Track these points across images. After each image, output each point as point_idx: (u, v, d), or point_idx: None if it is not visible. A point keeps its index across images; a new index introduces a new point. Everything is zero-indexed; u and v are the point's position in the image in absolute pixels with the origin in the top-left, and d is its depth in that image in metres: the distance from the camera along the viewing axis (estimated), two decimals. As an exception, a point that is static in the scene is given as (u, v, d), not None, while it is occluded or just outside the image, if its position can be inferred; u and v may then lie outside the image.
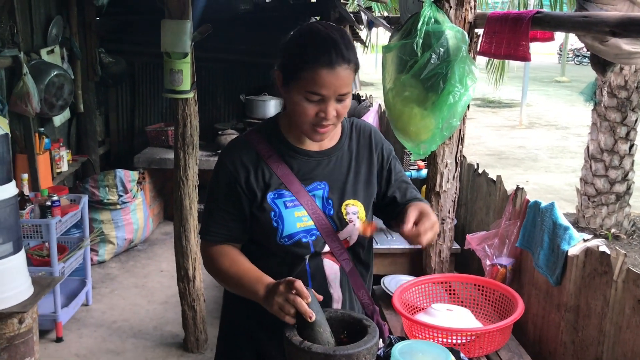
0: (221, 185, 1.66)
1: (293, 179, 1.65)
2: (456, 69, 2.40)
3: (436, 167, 2.80)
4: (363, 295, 1.78)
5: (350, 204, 1.68)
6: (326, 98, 1.52)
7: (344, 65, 1.51)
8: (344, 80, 1.52)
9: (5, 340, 3.30)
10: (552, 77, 23.13)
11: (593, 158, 6.69)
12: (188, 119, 3.50)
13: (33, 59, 4.33)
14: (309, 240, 1.65)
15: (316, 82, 1.50)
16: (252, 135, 1.70)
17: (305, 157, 1.68)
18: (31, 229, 3.72)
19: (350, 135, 1.75)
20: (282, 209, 1.63)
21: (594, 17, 1.83)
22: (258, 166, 1.65)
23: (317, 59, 1.50)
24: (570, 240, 2.20)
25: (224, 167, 1.67)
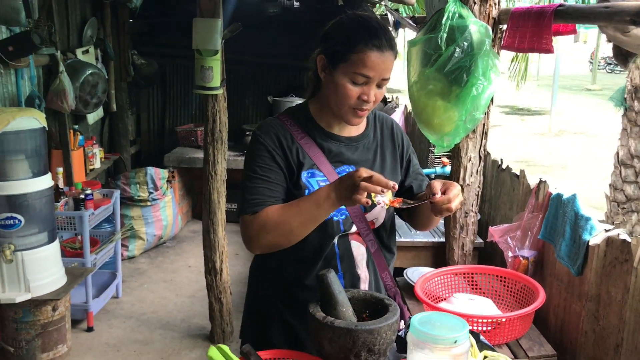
0: (264, 160, 1.67)
1: (324, 160, 1.72)
2: (480, 63, 2.45)
3: (460, 161, 2.83)
4: (386, 276, 1.83)
5: None
6: (371, 81, 1.61)
7: (390, 51, 1.61)
8: (389, 65, 1.62)
9: (40, 326, 3.42)
10: (583, 85, 22.84)
11: (623, 164, 6.61)
12: (217, 115, 3.59)
13: (69, 58, 4.48)
14: (340, 218, 1.71)
15: (365, 63, 1.59)
16: (284, 118, 1.76)
17: (336, 142, 1.75)
18: (65, 221, 3.85)
19: (375, 126, 1.83)
20: (316, 187, 1.69)
21: (614, 7, 1.87)
22: (292, 145, 1.71)
23: (368, 42, 1.59)
24: (592, 230, 2.22)
25: (261, 142, 1.69)
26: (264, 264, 1.87)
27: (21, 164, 3.31)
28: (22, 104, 3.90)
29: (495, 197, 3.21)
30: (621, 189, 6.63)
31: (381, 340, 1.53)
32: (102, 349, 3.74)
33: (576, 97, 20.01)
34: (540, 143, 12.71)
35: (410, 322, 1.39)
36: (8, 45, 3.50)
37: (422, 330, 1.35)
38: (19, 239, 3.32)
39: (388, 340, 1.56)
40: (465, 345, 1.35)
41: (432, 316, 1.42)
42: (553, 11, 2.24)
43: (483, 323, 2.24)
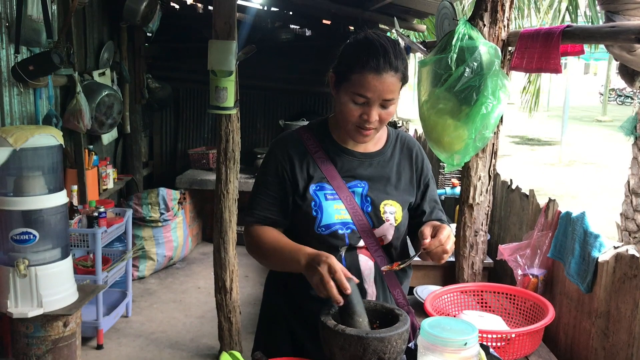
0: (269, 172, 1.79)
1: (335, 175, 1.76)
2: (489, 82, 2.49)
3: (469, 180, 2.86)
4: (398, 294, 1.85)
5: (389, 204, 1.77)
6: (371, 101, 1.64)
7: (390, 72, 1.63)
8: (389, 87, 1.63)
9: (51, 342, 3.44)
10: (593, 116, 22.89)
11: (634, 193, 6.60)
12: (230, 135, 3.65)
13: (86, 80, 4.58)
14: (345, 232, 1.74)
15: (363, 84, 1.62)
16: (302, 132, 1.83)
17: (350, 157, 1.79)
18: (78, 238, 3.90)
19: (395, 144, 1.85)
20: (323, 200, 1.74)
21: (620, 27, 1.91)
22: (304, 159, 1.77)
23: (365, 63, 1.62)
24: (601, 247, 2.24)
25: (274, 156, 1.80)
26: (276, 274, 1.91)
27: (38, 180, 3.37)
28: (40, 122, 3.98)
29: (504, 217, 3.22)
30: (632, 217, 6.61)
31: (392, 349, 1.55)
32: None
33: (587, 128, 20.03)
34: (550, 173, 12.71)
35: (421, 326, 1.41)
36: (29, 64, 3.59)
37: (432, 334, 1.37)
38: (33, 254, 3.36)
39: (398, 349, 1.58)
40: (474, 348, 1.37)
41: (441, 320, 1.44)
42: (561, 32, 2.29)
43: (492, 339, 2.24)
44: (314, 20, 6.72)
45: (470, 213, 2.89)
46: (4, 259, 3.36)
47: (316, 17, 6.61)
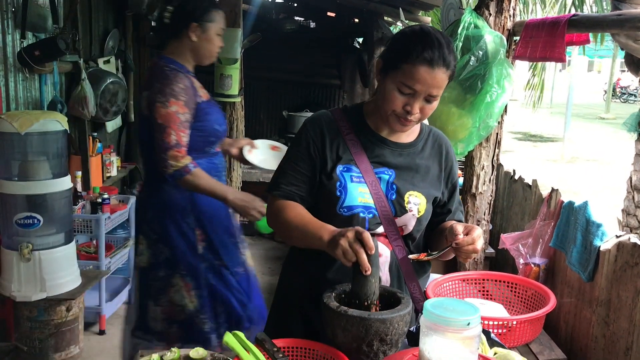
0: (300, 148, 1.79)
1: (364, 158, 1.75)
2: (494, 71, 2.50)
3: (473, 170, 2.88)
4: (414, 288, 1.83)
5: (414, 195, 1.76)
6: (417, 94, 1.62)
7: (442, 68, 1.61)
8: (438, 82, 1.62)
9: (53, 326, 3.46)
10: (597, 114, 22.86)
11: (636, 189, 6.59)
12: (235, 123, 3.68)
13: (91, 67, 4.59)
14: (366, 216, 1.73)
15: (413, 76, 1.60)
16: (337, 113, 1.82)
17: (381, 144, 1.78)
18: (82, 224, 3.91)
19: (427, 139, 1.84)
20: (348, 181, 1.73)
21: (627, 15, 1.92)
22: (335, 139, 1.77)
23: (420, 55, 1.60)
24: (603, 236, 2.25)
25: (306, 132, 1.80)
26: (292, 256, 1.93)
27: (42, 164, 3.38)
28: (45, 108, 4.00)
29: (507, 207, 3.24)
30: (634, 214, 6.61)
31: (393, 331, 1.56)
32: (113, 352, 3.77)
33: (590, 125, 20.02)
34: (552, 169, 12.71)
35: (424, 307, 1.42)
36: (35, 50, 3.60)
37: (435, 313, 1.38)
38: (37, 238, 3.37)
39: (400, 331, 1.59)
40: (477, 329, 1.38)
41: (444, 301, 1.45)
42: (567, 20, 2.30)
43: (494, 325, 2.26)
44: (319, 12, 6.72)
45: (472, 202, 2.91)
46: (8, 243, 3.37)
47: (321, 8, 6.61)
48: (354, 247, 1.52)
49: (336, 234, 1.58)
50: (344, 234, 1.54)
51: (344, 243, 1.53)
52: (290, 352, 1.60)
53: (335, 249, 1.55)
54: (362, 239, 1.52)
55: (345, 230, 1.56)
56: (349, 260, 1.54)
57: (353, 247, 1.52)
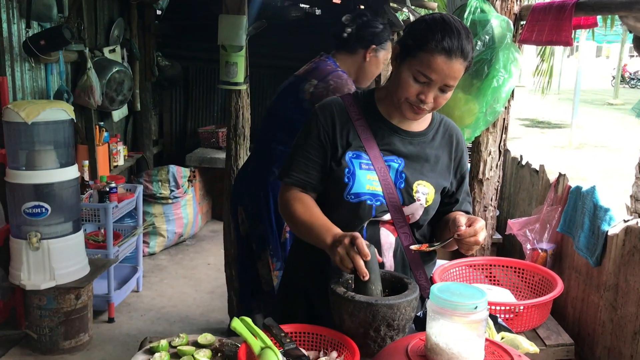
0: (311, 135, 1.77)
1: (374, 145, 1.74)
2: (500, 55, 2.49)
3: (480, 155, 2.86)
4: (421, 276, 1.83)
5: (423, 184, 1.75)
6: (432, 83, 1.61)
7: (460, 59, 1.59)
8: (455, 73, 1.60)
9: (63, 314, 3.49)
10: (605, 100, 22.69)
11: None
12: (240, 111, 3.66)
13: (96, 56, 4.59)
14: (373, 204, 1.72)
15: (430, 65, 1.59)
16: (347, 99, 1.81)
17: (391, 131, 1.76)
18: (89, 213, 3.93)
19: (438, 128, 1.82)
20: (357, 168, 1.72)
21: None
22: (345, 125, 1.75)
23: (439, 44, 1.58)
24: (611, 220, 2.24)
25: (317, 119, 1.78)
26: (298, 245, 1.93)
27: (49, 154, 3.40)
28: (51, 98, 4.01)
29: (514, 194, 3.23)
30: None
31: (400, 316, 1.57)
32: (122, 339, 3.80)
33: (598, 111, 19.88)
34: (560, 156, 12.64)
35: (430, 291, 1.42)
36: (40, 39, 3.61)
37: (442, 297, 1.38)
38: (45, 227, 3.40)
39: (407, 317, 1.59)
40: (483, 313, 1.38)
41: (451, 286, 1.45)
42: (574, 3, 2.27)
43: (501, 311, 2.26)
44: (324, -1, 6.67)
45: (479, 188, 2.90)
46: (17, 232, 3.40)
47: (326, -6, 6.56)
48: (351, 254, 1.53)
49: (335, 240, 1.58)
50: (341, 241, 1.55)
51: (340, 250, 1.54)
52: (298, 337, 1.60)
53: (333, 256, 1.57)
54: (357, 245, 1.53)
55: (343, 237, 1.56)
56: (346, 267, 1.54)
57: (349, 254, 1.53)
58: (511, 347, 1.42)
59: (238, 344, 1.58)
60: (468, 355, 1.30)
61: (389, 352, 1.42)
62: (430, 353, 1.33)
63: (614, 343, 2.16)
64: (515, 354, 1.37)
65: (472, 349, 1.31)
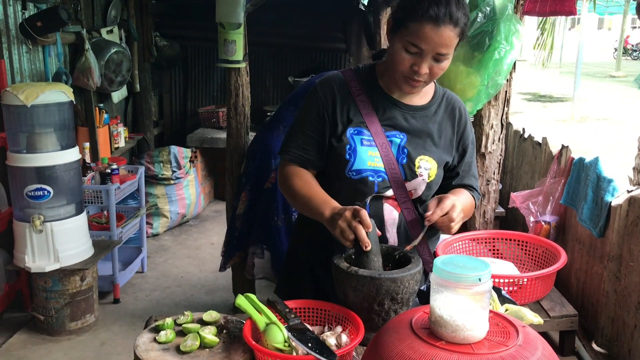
0: (310, 112, 1.76)
1: (375, 120, 1.72)
2: (502, 27, 2.46)
3: (482, 129, 2.85)
4: (424, 250, 1.82)
5: (425, 159, 1.73)
6: (424, 53, 1.58)
7: (449, 26, 1.55)
8: (445, 41, 1.56)
9: (68, 296, 3.51)
10: (607, 72, 22.51)
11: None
12: (240, 89, 3.63)
13: (94, 37, 4.55)
14: (375, 180, 1.71)
15: (418, 34, 1.56)
16: (348, 74, 1.78)
17: (393, 106, 1.74)
18: (92, 195, 3.93)
19: (441, 102, 1.79)
20: (358, 145, 1.71)
21: (638, -37, 1.87)
22: (346, 101, 1.73)
23: (425, 13, 1.55)
24: (614, 191, 2.23)
25: (316, 95, 1.76)
26: (301, 221, 1.92)
27: (50, 136, 3.39)
28: (50, 80, 3.98)
29: (516, 167, 3.21)
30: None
31: (404, 289, 1.56)
32: (128, 319, 3.82)
33: (600, 84, 19.73)
34: (562, 129, 12.58)
35: (434, 264, 1.42)
36: (36, 20, 3.57)
37: (445, 270, 1.37)
38: (48, 210, 3.41)
39: (411, 290, 1.59)
40: (487, 284, 1.38)
41: (454, 258, 1.44)
42: (576, -28, 2.24)
43: (504, 283, 2.26)
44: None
45: (482, 162, 2.88)
46: (20, 215, 3.41)
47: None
48: (352, 224, 1.52)
49: (335, 213, 1.58)
50: (342, 214, 1.55)
51: (342, 223, 1.54)
52: (302, 312, 1.60)
53: (333, 229, 1.56)
54: (360, 216, 1.52)
55: (343, 210, 1.56)
56: (347, 239, 1.54)
57: (351, 225, 1.52)
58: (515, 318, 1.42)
59: (243, 321, 1.59)
60: (472, 327, 1.30)
61: (393, 325, 1.42)
62: (435, 325, 1.32)
63: (617, 313, 2.17)
64: (520, 325, 1.37)
65: (477, 320, 1.31)
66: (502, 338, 1.25)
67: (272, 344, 1.42)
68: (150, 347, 1.50)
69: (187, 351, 1.47)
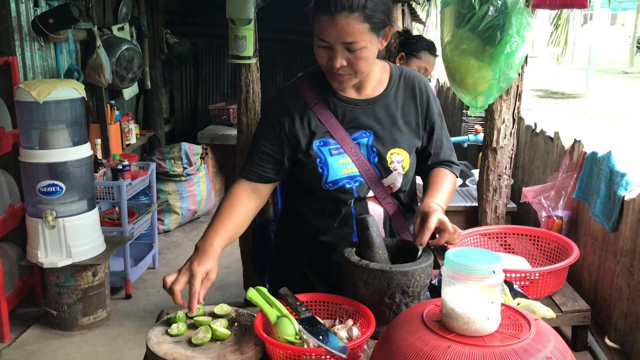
0: (266, 128, 1.72)
1: (338, 127, 1.69)
2: (513, 20, 2.44)
3: (493, 123, 2.83)
4: (407, 236, 1.82)
5: (396, 153, 1.71)
6: (331, 46, 1.55)
7: (344, 13, 1.51)
8: (344, 29, 1.52)
9: (81, 291, 3.54)
10: (620, 68, 22.32)
11: (660, 141, 6.50)
12: (250, 85, 3.63)
13: (105, 34, 4.58)
14: (353, 186, 1.70)
15: (320, 28, 1.55)
16: (300, 82, 1.73)
17: (350, 105, 1.70)
18: (103, 191, 3.95)
19: (398, 85, 1.74)
20: (327, 156, 1.68)
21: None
22: (304, 113, 1.69)
23: (319, 6, 1.55)
24: (627, 185, 2.22)
25: (271, 112, 1.73)
26: (288, 217, 1.89)
27: (62, 132, 3.41)
28: (61, 77, 4.01)
29: (528, 162, 3.20)
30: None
31: (415, 283, 1.56)
32: (140, 315, 3.85)
33: (613, 80, 19.57)
34: (575, 126, 12.48)
35: (445, 256, 1.41)
36: (48, 17, 3.60)
37: (457, 263, 1.37)
38: (60, 205, 3.43)
39: (422, 284, 1.59)
40: (499, 277, 1.37)
41: (465, 251, 1.43)
42: (589, -36, 2.22)
43: (516, 278, 2.25)
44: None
45: (493, 157, 2.87)
46: (33, 211, 3.43)
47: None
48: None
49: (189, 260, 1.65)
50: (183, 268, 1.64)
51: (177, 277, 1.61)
52: (313, 306, 1.60)
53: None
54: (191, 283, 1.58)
55: (185, 268, 1.64)
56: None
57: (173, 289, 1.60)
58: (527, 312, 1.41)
59: (254, 314, 1.59)
60: (484, 320, 1.29)
61: (405, 318, 1.42)
62: (446, 318, 1.32)
63: (631, 308, 2.15)
64: (532, 318, 1.36)
65: (488, 313, 1.30)
66: (514, 331, 1.24)
67: (284, 337, 1.42)
68: (162, 340, 1.51)
69: (199, 344, 1.48)
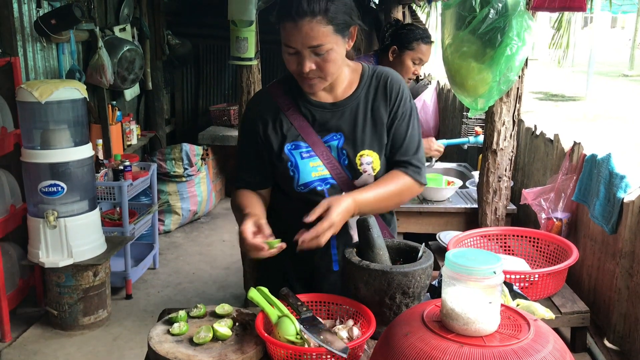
0: (245, 136, 1.78)
1: (310, 131, 1.71)
2: (514, 23, 2.45)
3: (493, 125, 2.84)
4: (386, 235, 1.82)
5: (365, 155, 1.72)
6: (298, 51, 1.57)
7: (307, 18, 1.53)
8: (309, 33, 1.53)
9: (81, 291, 3.55)
10: (620, 71, 22.31)
11: (660, 144, 6.51)
12: (252, 87, 3.64)
13: (107, 35, 4.59)
14: (324, 188, 1.72)
15: (285, 35, 1.57)
16: (274, 88, 1.77)
17: (321, 109, 1.72)
18: (105, 191, 3.96)
19: (369, 85, 1.75)
20: (298, 159, 1.71)
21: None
22: (277, 118, 1.72)
23: (281, 12, 1.57)
24: (627, 188, 2.22)
25: (247, 119, 1.78)
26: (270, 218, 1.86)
27: (63, 133, 3.43)
28: (63, 77, 4.02)
29: (528, 164, 3.21)
30: (658, 169, 6.54)
31: (415, 283, 1.57)
32: (140, 315, 3.85)
33: (613, 82, 19.56)
34: (575, 128, 12.49)
35: (445, 257, 1.42)
36: (51, 18, 3.61)
37: (457, 263, 1.38)
38: (62, 205, 3.44)
39: (422, 284, 1.60)
40: (498, 277, 1.38)
41: (465, 251, 1.45)
42: (589, -32, 2.23)
43: (516, 279, 2.25)
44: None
45: (494, 159, 2.88)
46: (34, 210, 3.44)
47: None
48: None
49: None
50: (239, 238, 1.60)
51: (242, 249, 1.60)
52: (314, 306, 1.61)
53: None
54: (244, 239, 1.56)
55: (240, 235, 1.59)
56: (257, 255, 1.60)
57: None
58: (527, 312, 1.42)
59: (255, 314, 1.60)
60: (484, 320, 1.30)
61: (405, 318, 1.43)
62: (446, 318, 1.33)
63: (630, 310, 2.16)
64: (531, 319, 1.37)
65: (488, 313, 1.31)
66: (514, 331, 1.25)
67: (284, 337, 1.43)
68: (164, 339, 1.52)
69: (200, 343, 1.49)
